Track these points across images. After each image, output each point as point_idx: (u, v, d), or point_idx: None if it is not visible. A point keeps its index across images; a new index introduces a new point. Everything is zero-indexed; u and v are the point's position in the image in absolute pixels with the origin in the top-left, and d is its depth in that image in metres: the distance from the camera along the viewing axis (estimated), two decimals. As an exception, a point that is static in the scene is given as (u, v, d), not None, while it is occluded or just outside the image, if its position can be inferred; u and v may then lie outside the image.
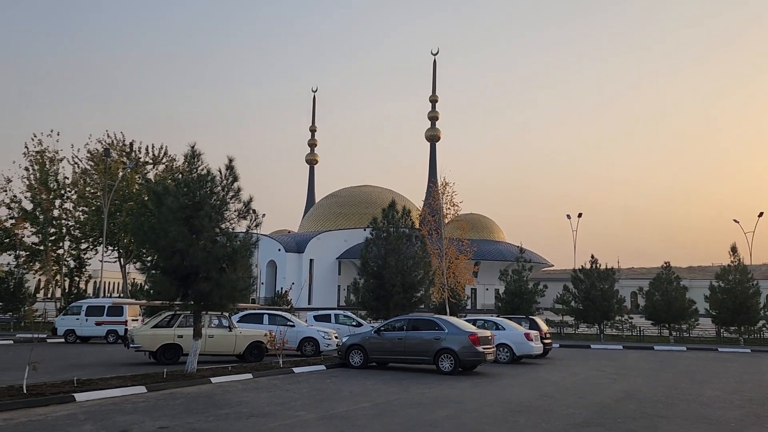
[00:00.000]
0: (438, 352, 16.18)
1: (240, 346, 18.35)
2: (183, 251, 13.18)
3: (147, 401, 10.92)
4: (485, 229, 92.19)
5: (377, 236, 22.16)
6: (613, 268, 35.99)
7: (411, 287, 21.82)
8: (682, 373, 18.19)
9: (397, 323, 17.59)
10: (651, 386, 14.78)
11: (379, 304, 21.93)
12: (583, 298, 34.92)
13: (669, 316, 34.47)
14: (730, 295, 33.40)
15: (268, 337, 16.89)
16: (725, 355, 26.26)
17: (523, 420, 9.72)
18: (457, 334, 16.24)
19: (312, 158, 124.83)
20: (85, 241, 39.67)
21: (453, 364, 15.99)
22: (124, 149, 40.28)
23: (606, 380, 15.89)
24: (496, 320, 21.39)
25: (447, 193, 27.24)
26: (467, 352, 15.99)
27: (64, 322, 27.08)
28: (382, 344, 17.09)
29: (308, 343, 21.22)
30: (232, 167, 14.37)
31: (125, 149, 40.31)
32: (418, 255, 22.20)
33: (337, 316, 25.89)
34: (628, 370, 18.68)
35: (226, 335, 18.24)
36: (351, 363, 17.34)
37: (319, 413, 10.01)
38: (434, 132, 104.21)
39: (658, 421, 9.82)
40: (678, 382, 15.91)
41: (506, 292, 35.57)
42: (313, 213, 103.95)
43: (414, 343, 16.62)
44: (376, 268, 21.96)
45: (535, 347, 20.14)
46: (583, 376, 16.76)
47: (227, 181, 14.35)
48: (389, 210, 22.52)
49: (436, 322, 16.81)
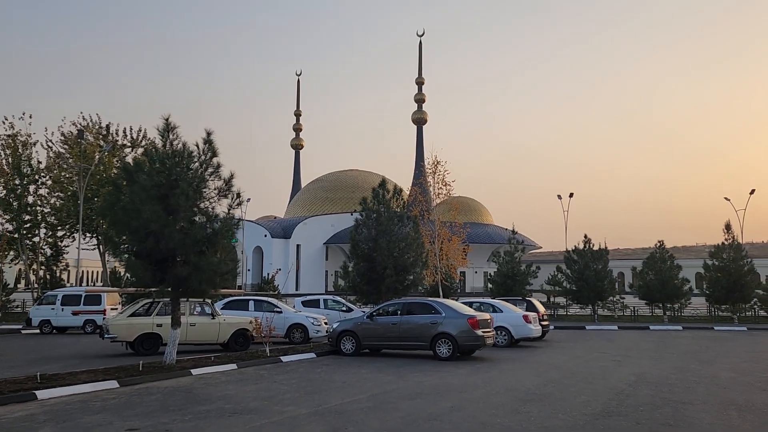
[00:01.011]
0: (435, 337, 15.28)
1: (224, 335, 17.31)
2: (158, 233, 12.03)
3: (118, 398, 9.86)
4: (473, 211, 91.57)
5: (367, 217, 21.12)
6: (606, 248, 35.36)
7: (403, 270, 20.86)
8: (687, 354, 17.51)
9: (390, 307, 16.64)
10: (660, 368, 14.02)
11: (371, 287, 20.96)
12: (577, 279, 34.31)
13: (663, 295, 33.99)
14: (724, 273, 32.94)
15: (254, 324, 15.83)
16: (723, 334, 25.76)
17: (536, 410, 8.82)
18: (454, 318, 15.33)
19: (297, 143, 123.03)
20: (61, 228, 38.14)
21: (451, 349, 15.10)
22: (100, 132, 38.64)
23: (611, 363, 15.11)
24: (493, 302, 20.54)
25: (438, 172, 26.20)
26: (466, 337, 15.10)
27: (39, 312, 25.80)
28: (376, 330, 16.15)
29: (297, 329, 20.24)
30: (210, 141, 13.19)
31: (101, 132, 38.67)
32: (410, 236, 21.22)
33: (327, 301, 24.92)
34: (629, 351, 17.96)
35: (208, 323, 17.17)
36: (342, 350, 16.40)
37: (310, 407, 9.04)
38: (421, 115, 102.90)
39: (683, 408, 8.98)
40: (686, 363, 15.19)
41: (498, 274, 34.79)
42: (299, 198, 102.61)
43: (409, 328, 15.69)
44: (367, 250, 20.95)
45: (533, 330, 19.34)
46: (586, 359, 15.98)
47: (206, 157, 13.18)
48: (379, 189, 21.47)
49: (433, 306, 15.89)
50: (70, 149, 37.38)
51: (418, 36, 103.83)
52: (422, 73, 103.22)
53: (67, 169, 37.26)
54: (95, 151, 36.53)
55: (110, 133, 38.79)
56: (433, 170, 26.45)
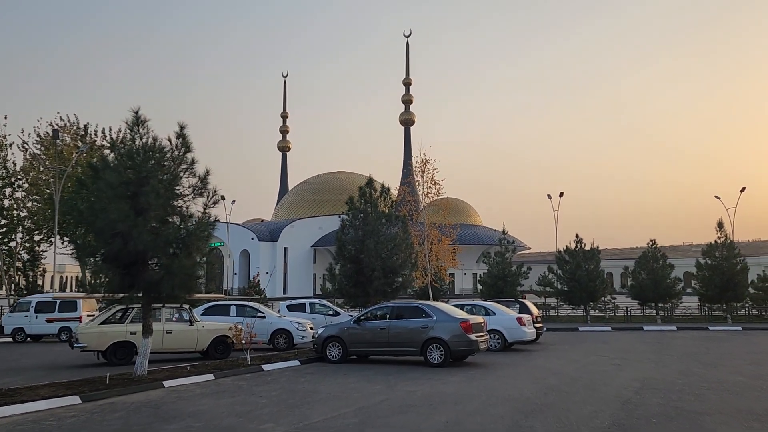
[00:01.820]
0: (426, 342, 14.46)
1: (203, 342, 16.36)
2: (126, 233, 11.08)
3: (77, 416, 8.90)
4: (462, 212, 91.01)
5: (354, 217, 20.25)
6: (598, 248, 34.82)
7: (392, 271, 20.01)
8: (687, 356, 16.85)
9: (379, 311, 15.80)
10: (663, 373, 13.31)
11: (358, 290, 20.10)
12: (569, 279, 33.73)
13: (656, 295, 33.51)
14: (716, 272, 32.51)
15: (233, 330, 14.91)
16: (719, 334, 25.23)
17: (540, 425, 8.01)
18: (446, 322, 14.52)
19: (284, 145, 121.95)
20: (38, 233, 36.87)
21: (443, 354, 14.28)
22: (78, 132, 37.43)
23: (611, 367, 14.39)
24: (485, 305, 19.77)
25: (427, 171, 25.40)
26: (459, 342, 14.30)
27: (12, 320, 24.62)
28: (363, 335, 15.30)
29: (281, 335, 19.35)
30: (184, 135, 12.27)
31: (79, 132, 37.46)
32: (398, 236, 20.38)
33: (313, 305, 24.03)
34: (628, 354, 17.27)
35: (186, 330, 16.21)
36: (328, 357, 15.53)
37: (289, 425, 8.15)
38: (408, 116, 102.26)
39: (700, 420, 8.21)
40: (688, 366, 14.50)
41: (489, 275, 34.11)
42: (286, 201, 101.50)
43: (399, 333, 14.86)
44: (354, 251, 20.09)
45: (528, 333, 18.59)
46: (584, 363, 15.24)
47: (179, 152, 12.27)
48: (366, 188, 20.62)
49: (423, 309, 15.06)
50: (45, 150, 36.14)
51: (405, 36, 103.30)
52: (410, 74, 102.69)
53: (43, 171, 36.02)
54: (72, 152, 35.33)
55: (88, 134, 37.61)
56: (422, 169, 25.66)
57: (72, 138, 36.82)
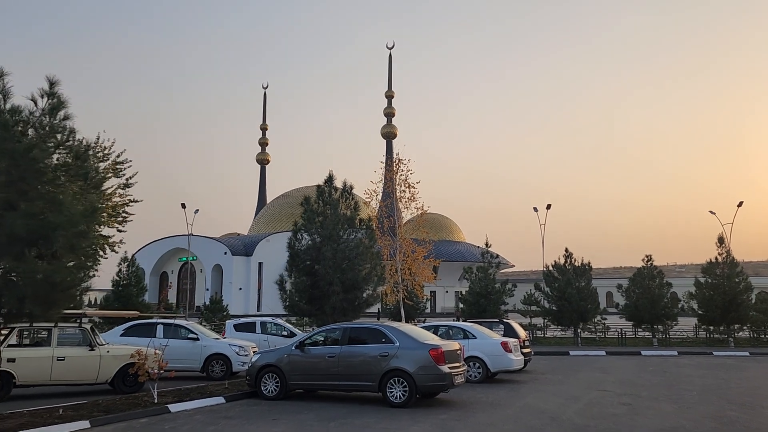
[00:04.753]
0: (386, 375, 11.21)
1: (107, 371, 12.90)
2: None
3: None
4: (444, 228, 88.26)
5: (309, 220, 17.04)
6: (589, 264, 31.90)
7: (354, 286, 16.76)
8: (708, 392, 13.78)
9: (328, 334, 12.53)
10: (690, 419, 10.23)
11: (313, 307, 16.84)
12: (558, 298, 30.71)
13: (652, 316, 30.54)
14: (718, 291, 29.72)
15: (137, 357, 11.50)
16: (727, 361, 22.31)
17: None
18: (412, 349, 11.30)
19: (263, 158, 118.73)
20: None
21: (407, 392, 11.04)
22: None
23: (622, 408, 11.25)
24: (464, 326, 16.56)
25: (401, 172, 22.32)
26: (427, 375, 11.07)
27: None
28: (307, 364, 12.01)
29: (216, 361, 15.98)
30: (54, 94, 9.04)
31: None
32: (363, 244, 17.18)
33: (265, 324, 20.62)
34: (636, 388, 14.16)
35: (85, 356, 12.75)
36: (264, 392, 12.21)
37: None
38: (390, 129, 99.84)
39: None
40: (719, 408, 11.41)
41: (470, 293, 30.94)
42: (264, 214, 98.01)
43: (352, 363, 11.60)
44: (309, 261, 16.84)
45: (515, 360, 15.40)
46: (586, 402, 12.08)
47: (48, 119, 9.02)
48: (326, 186, 17.46)
49: (383, 332, 11.82)
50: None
51: (388, 48, 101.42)
52: (392, 86, 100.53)
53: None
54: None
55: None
56: (395, 170, 22.57)
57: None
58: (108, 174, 30.65)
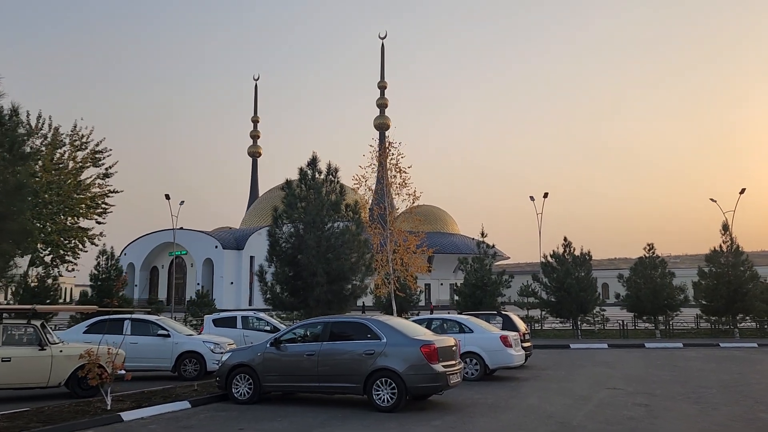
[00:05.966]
0: (372, 375, 9.88)
1: (60, 373, 11.50)
2: None
3: None
4: (439, 220, 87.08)
5: (290, 205, 15.66)
6: (589, 253, 30.66)
7: (340, 276, 15.41)
8: (728, 388, 12.54)
9: (308, 330, 11.17)
10: (715, 421, 8.97)
11: (296, 300, 15.51)
12: (556, 289, 29.48)
13: (655, 306, 29.36)
14: (722, 280, 28.56)
15: (88, 356, 10.11)
16: (736, 353, 21.16)
17: None
18: (401, 346, 9.97)
19: (255, 151, 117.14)
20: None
21: (395, 394, 9.71)
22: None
23: (638, 410, 9.96)
24: (460, 319, 15.24)
25: (391, 156, 20.92)
26: (418, 375, 9.74)
27: None
28: (284, 363, 10.67)
29: (189, 360, 14.63)
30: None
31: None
32: (349, 231, 15.82)
33: (246, 319, 19.17)
34: (649, 386, 12.90)
35: (34, 357, 11.33)
36: (235, 395, 10.87)
37: None
38: (383, 120, 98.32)
39: None
40: (745, 407, 10.18)
41: (466, 284, 29.65)
42: (256, 207, 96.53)
43: (333, 362, 10.27)
44: (290, 250, 15.48)
45: (515, 356, 14.11)
46: (597, 403, 10.79)
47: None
48: (308, 169, 16.08)
49: (369, 327, 10.46)
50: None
51: (381, 38, 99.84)
52: (385, 76, 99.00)
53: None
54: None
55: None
56: (385, 153, 21.19)
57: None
58: (87, 164, 29.16)
